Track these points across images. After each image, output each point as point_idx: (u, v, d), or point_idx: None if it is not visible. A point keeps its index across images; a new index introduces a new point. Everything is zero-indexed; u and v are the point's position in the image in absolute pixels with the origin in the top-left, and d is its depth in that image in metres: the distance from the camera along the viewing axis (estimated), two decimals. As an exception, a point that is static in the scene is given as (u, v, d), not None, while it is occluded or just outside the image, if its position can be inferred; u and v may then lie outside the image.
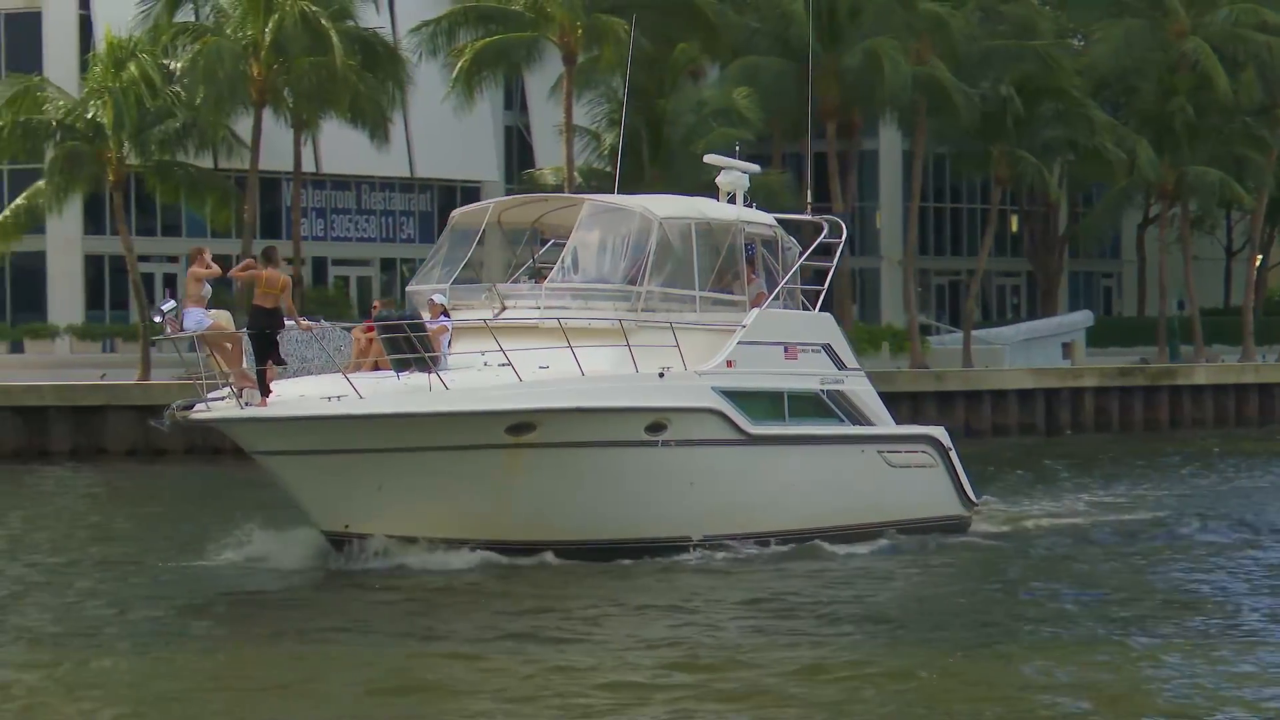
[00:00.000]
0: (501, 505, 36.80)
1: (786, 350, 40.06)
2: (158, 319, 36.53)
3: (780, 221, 42.79)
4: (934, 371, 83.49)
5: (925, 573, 38.68)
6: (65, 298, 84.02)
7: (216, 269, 37.17)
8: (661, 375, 37.34)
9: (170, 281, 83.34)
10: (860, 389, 41.75)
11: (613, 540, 37.53)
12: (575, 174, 78.62)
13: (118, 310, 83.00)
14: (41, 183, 74.14)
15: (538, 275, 40.41)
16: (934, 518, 42.34)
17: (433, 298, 38.33)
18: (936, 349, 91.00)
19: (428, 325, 36.80)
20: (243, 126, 76.23)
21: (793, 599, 34.44)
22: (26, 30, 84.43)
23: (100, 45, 76.12)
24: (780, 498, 39.65)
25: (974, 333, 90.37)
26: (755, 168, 45.99)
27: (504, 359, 35.97)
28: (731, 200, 42.15)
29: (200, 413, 35.73)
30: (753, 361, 38.99)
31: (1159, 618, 32.02)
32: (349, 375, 35.64)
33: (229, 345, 35.98)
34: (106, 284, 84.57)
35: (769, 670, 27.40)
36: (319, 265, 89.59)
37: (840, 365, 41.36)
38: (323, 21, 74.01)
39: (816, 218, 44.17)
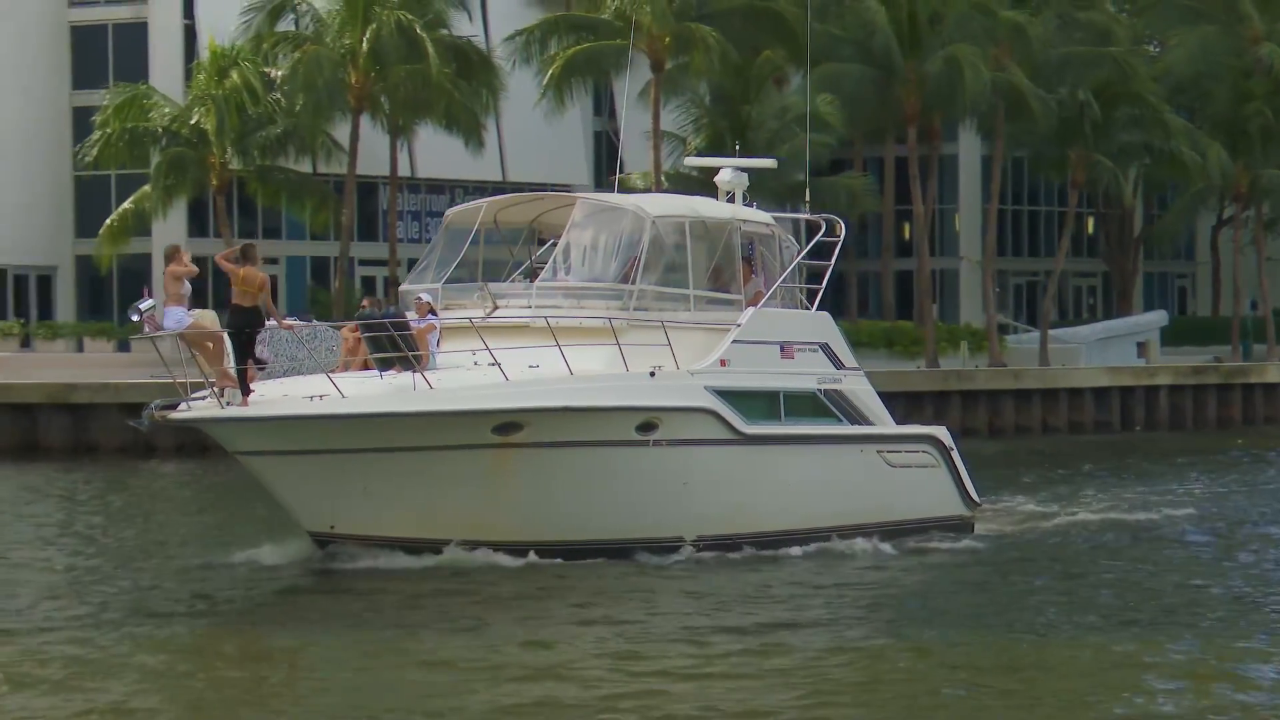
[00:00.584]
0: (491, 506, 35.40)
1: (783, 349, 38.66)
2: (135, 317, 34.75)
3: (781, 220, 42.09)
4: (1011, 370, 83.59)
5: (926, 572, 37.84)
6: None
7: (194, 268, 35.67)
8: (652, 374, 36.05)
9: (221, 284, 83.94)
10: (859, 389, 40.22)
11: (605, 540, 36.10)
12: (662, 178, 79.43)
13: (221, 310, 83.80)
14: (147, 187, 75.21)
15: (533, 275, 39.12)
16: (935, 518, 40.82)
17: (419, 296, 37.35)
18: (1014, 348, 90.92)
19: (413, 324, 35.71)
20: (341, 132, 77.09)
21: (786, 598, 33.92)
22: (133, 40, 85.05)
23: (204, 54, 77.58)
24: (776, 498, 38.15)
25: (1051, 332, 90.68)
26: (770, 162, 46.62)
27: (494, 358, 34.87)
28: (731, 199, 40.98)
29: (180, 413, 34.44)
30: (748, 361, 37.65)
31: (1137, 616, 31.64)
32: (331, 375, 34.33)
33: (210, 344, 34.43)
34: (209, 285, 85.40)
35: (761, 677, 26.75)
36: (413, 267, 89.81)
37: (838, 365, 39.87)
38: (418, 30, 74.90)
39: (816, 216, 42.03)
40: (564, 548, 35.81)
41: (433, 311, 36.50)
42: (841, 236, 41.22)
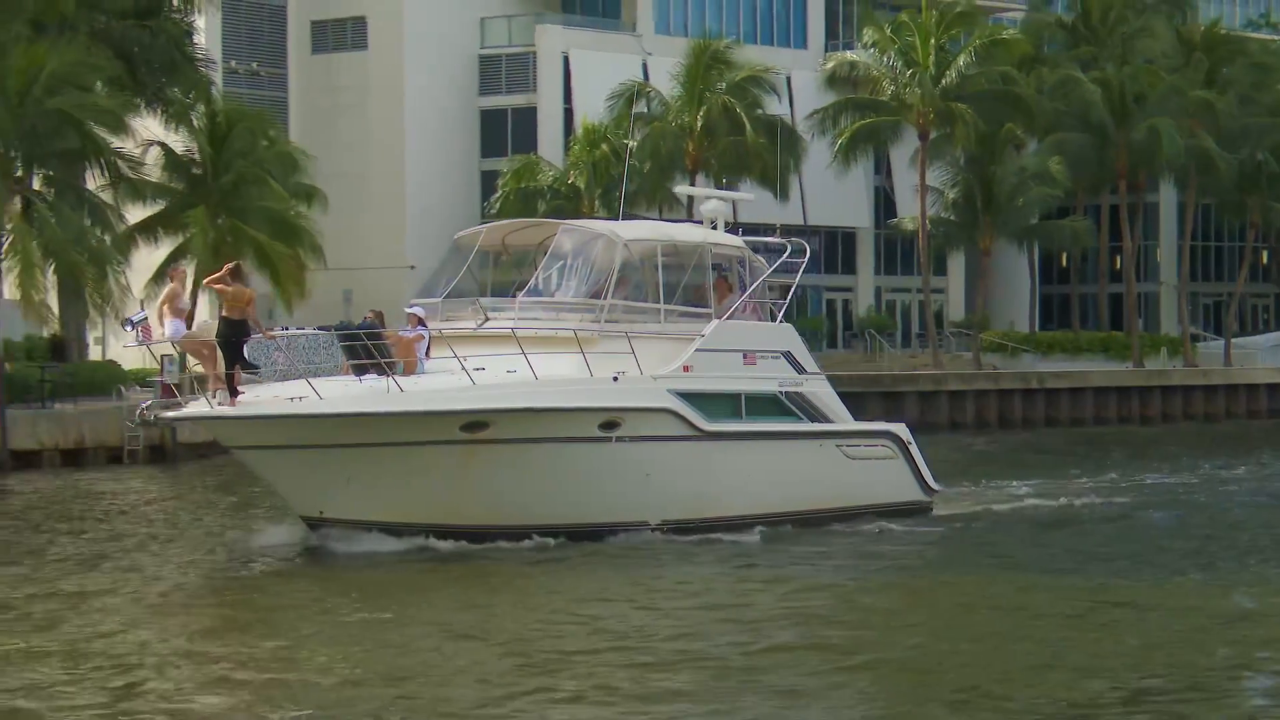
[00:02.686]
0: (463, 494, 31.99)
1: (745, 357, 35.14)
2: (128, 328, 31.64)
3: (753, 244, 37.95)
4: (1201, 369, 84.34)
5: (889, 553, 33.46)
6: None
7: (188, 287, 32.49)
8: (615, 379, 32.66)
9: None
10: (820, 391, 36.64)
11: (572, 525, 32.65)
12: (927, 222, 78.78)
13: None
14: (536, 230, 75.45)
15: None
16: (894, 503, 37.05)
17: (410, 310, 34.01)
18: (1204, 352, 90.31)
19: (404, 334, 32.79)
20: (680, 188, 76.36)
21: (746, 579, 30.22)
22: (526, 121, 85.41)
23: (579, 131, 77.73)
24: (737, 487, 34.55)
25: (1233, 340, 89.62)
26: (749, 195, 41.61)
27: (481, 364, 31.81)
28: (714, 226, 37.49)
29: (172, 412, 31.73)
30: (711, 367, 34.29)
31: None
32: (313, 379, 31.02)
33: (205, 351, 31.38)
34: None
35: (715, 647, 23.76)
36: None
37: (800, 370, 36.28)
38: (739, 110, 75.07)
39: (782, 240, 38.45)
40: (536, 531, 32.41)
41: (422, 323, 33.13)
42: (805, 258, 38.40)
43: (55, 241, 54.66)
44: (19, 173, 60.17)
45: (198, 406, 31.30)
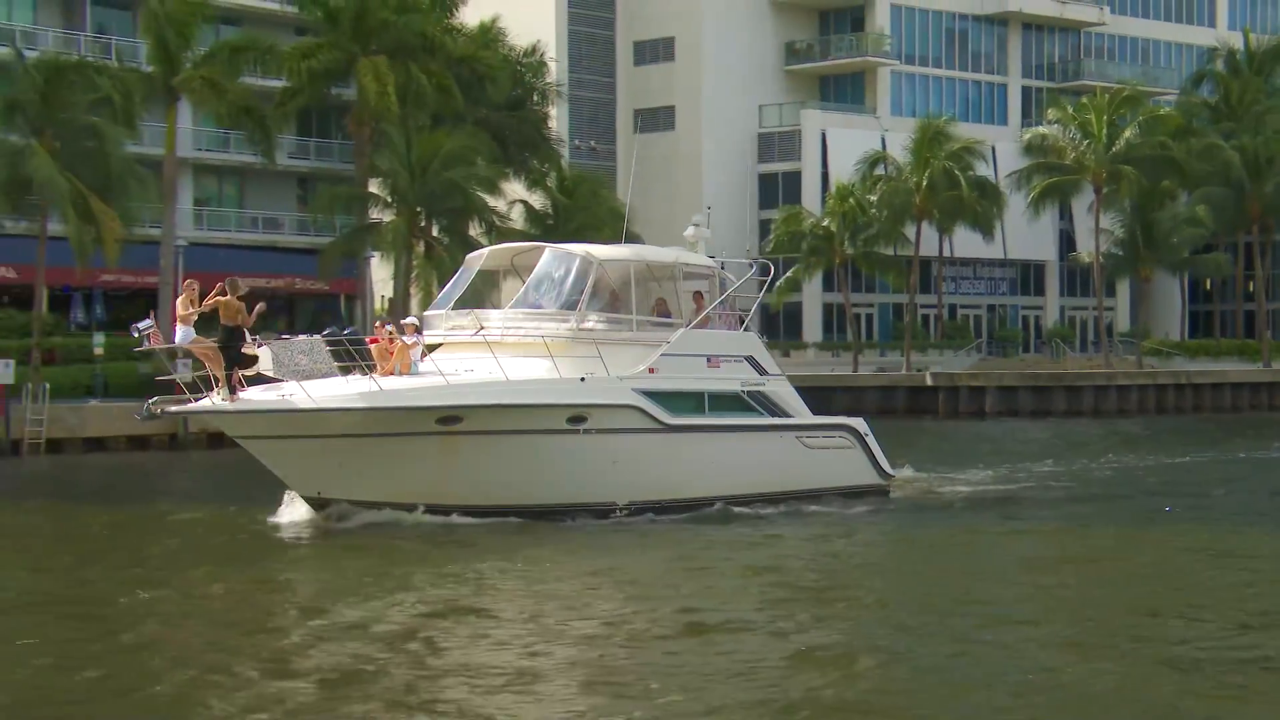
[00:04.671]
0: (445, 478, 28.46)
1: (710, 360, 31.42)
2: (135, 334, 27.78)
3: (727, 265, 34.14)
4: None
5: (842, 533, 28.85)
6: (811, 327, 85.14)
7: (196, 298, 28.07)
8: (583, 379, 29.25)
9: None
10: (781, 390, 32.59)
11: (546, 505, 29.11)
12: (1100, 256, 77.26)
13: (840, 335, 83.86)
14: (799, 265, 75.45)
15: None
16: (851, 486, 32.86)
17: (405, 320, 31.14)
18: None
19: (401, 340, 29.03)
20: (909, 231, 75.97)
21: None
22: (793, 181, 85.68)
23: (833, 188, 77.52)
24: (699, 473, 30.78)
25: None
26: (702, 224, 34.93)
27: (472, 366, 28.93)
28: (695, 248, 33.99)
29: (176, 407, 28.17)
30: (675, 369, 30.63)
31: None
32: (305, 380, 27.64)
33: (210, 354, 27.66)
34: (834, 320, 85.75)
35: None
36: (953, 309, 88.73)
37: (762, 372, 32.28)
38: (956, 172, 74.28)
39: (749, 260, 35.02)
40: (514, 511, 28.74)
41: (418, 331, 29.81)
42: (770, 277, 34.33)
43: (447, 274, 56.05)
44: (423, 224, 61.91)
45: (201, 402, 27.73)
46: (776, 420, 32.16)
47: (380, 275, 68.65)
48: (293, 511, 28.61)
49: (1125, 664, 16.94)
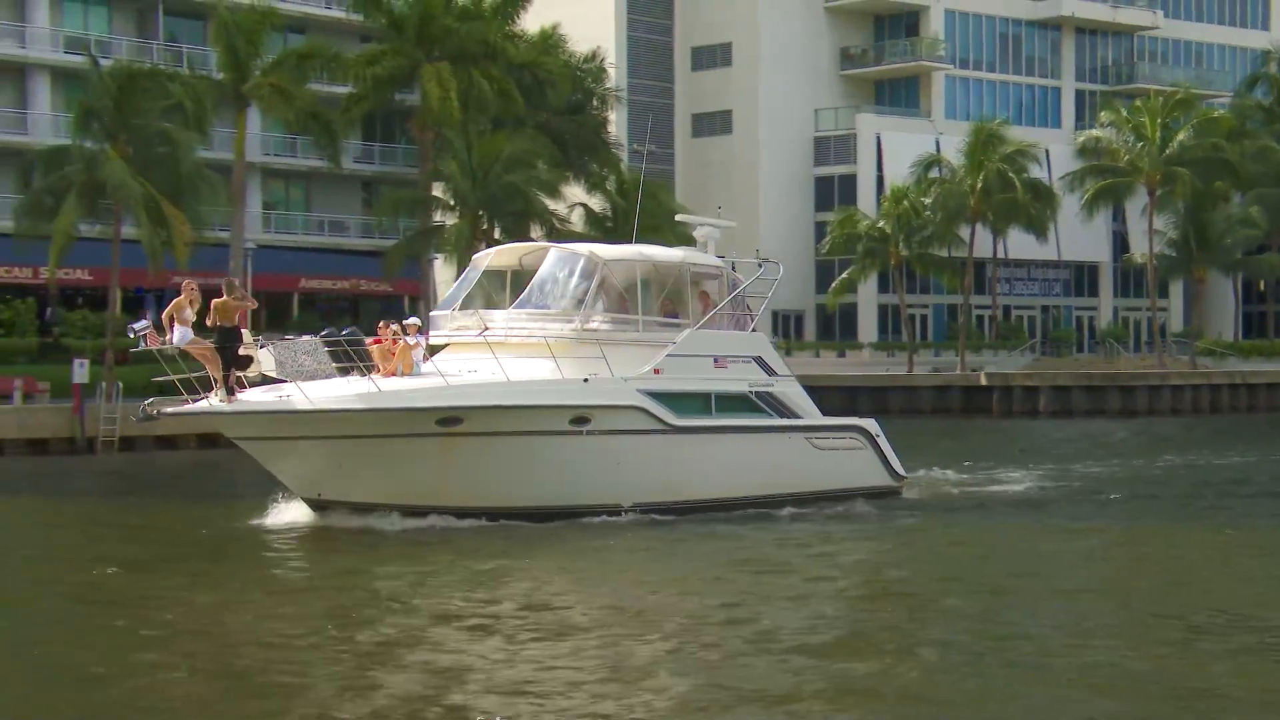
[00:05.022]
0: (446, 480, 27.30)
1: (716, 361, 30.22)
2: (131, 335, 26.68)
3: (737, 265, 33.09)
4: None
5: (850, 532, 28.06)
6: (867, 328, 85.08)
7: (198, 299, 27.00)
8: (586, 380, 28.05)
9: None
10: (790, 391, 31.36)
11: (550, 507, 27.82)
12: (1154, 257, 76.89)
13: (895, 335, 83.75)
14: (854, 266, 75.36)
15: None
16: (863, 487, 31.71)
17: (408, 320, 29.42)
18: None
19: (404, 340, 27.91)
20: (964, 232, 75.86)
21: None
22: (848, 185, 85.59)
23: (887, 191, 77.43)
24: (706, 474, 29.61)
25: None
26: (731, 223, 35.19)
27: (476, 367, 27.88)
28: (705, 248, 32.45)
29: (172, 409, 26.68)
30: (681, 369, 29.45)
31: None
32: (302, 382, 26.65)
33: (208, 355, 26.58)
34: (889, 320, 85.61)
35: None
36: (1007, 310, 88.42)
37: (771, 373, 31.08)
38: (1010, 175, 74.08)
39: (758, 260, 33.30)
40: (516, 513, 27.54)
41: (421, 331, 28.79)
42: (778, 277, 32.75)
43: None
44: (484, 227, 62.44)
45: (199, 404, 26.50)
46: (785, 421, 31.07)
47: (443, 277, 69.27)
48: (286, 514, 27.57)
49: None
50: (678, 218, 34.73)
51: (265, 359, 27.36)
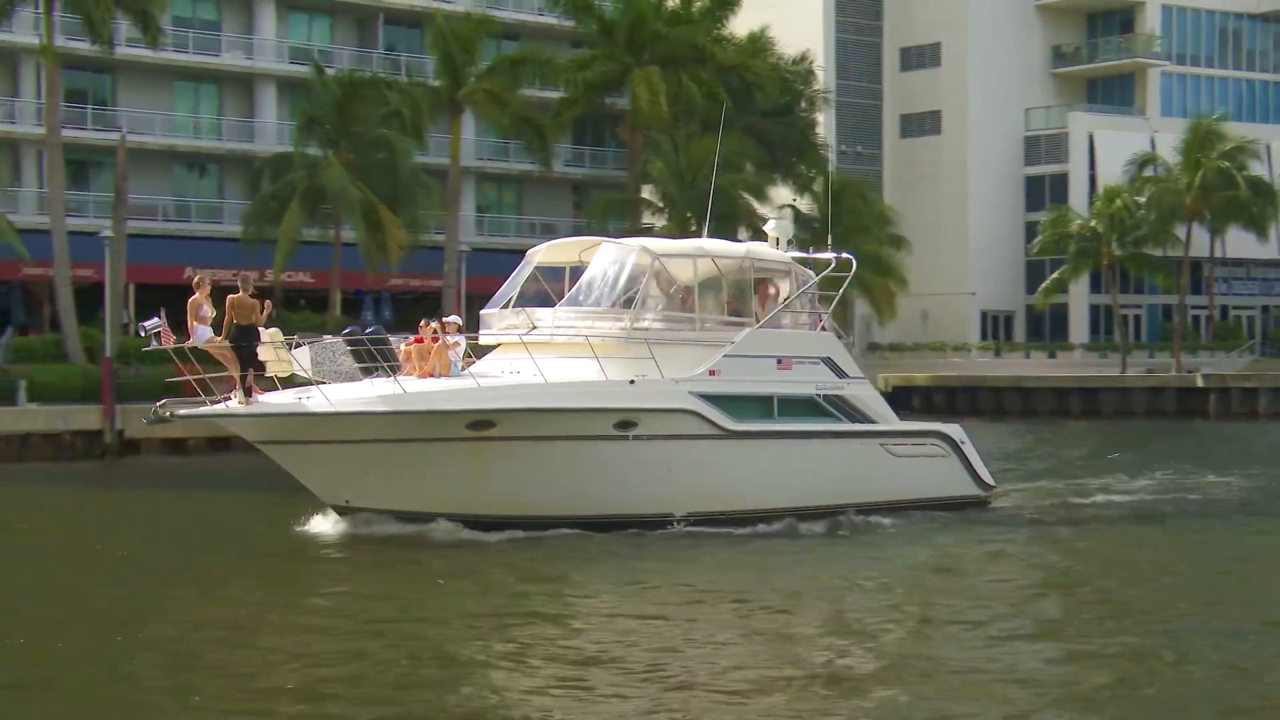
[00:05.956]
0: (480, 487, 25.36)
1: (780, 362, 27.80)
2: (143, 334, 25.02)
3: (805, 260, 29.80)
4: None
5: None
6: (1078, 328, 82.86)
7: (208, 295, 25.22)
8: (632, 382, 25.93)
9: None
10: (863, 394, 28.86)
11: (594, 517, 25.77)
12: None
13: (1108, 336, 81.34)
14: (1066, 266, 73.22)
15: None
16: (947, 497, 29.27)
17: (447, 319, 27.57)
18: None
19: (444, 340, 26.24)
20: (1179, 232, 73.04)
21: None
22: (1059, 184, 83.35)
23: (1100, 190, 75.22)
24: (767, 482, 27.27)
25: None
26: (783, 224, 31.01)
27: (520, 368, 25.90)
28: (777, 244, 29.90)
29: (186, 410, 24.93)
30: (740, 371, 27.10)
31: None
32: (323, 383, 25.29)
33: (228, 355, 25.00)
34: (1101, 320, 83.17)
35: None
36: (1225, 310, 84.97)
37: (841, 374, 28.56)
38: (1234, 172, 71.40)
39: (828, 255, 29.85)
40: (557, 522, 25.62)
41: (460, 330, 26.96)
42: (851, 272, 29.58)
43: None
44: (692, 229, 62.01)
45: (216, 406, 25.00)
46: (856, 426, 28.61)
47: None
48: (327, 521, 25.89)
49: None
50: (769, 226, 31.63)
51: (300, 359, 25.89)
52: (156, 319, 24.58)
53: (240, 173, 61.95)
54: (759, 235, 62.79)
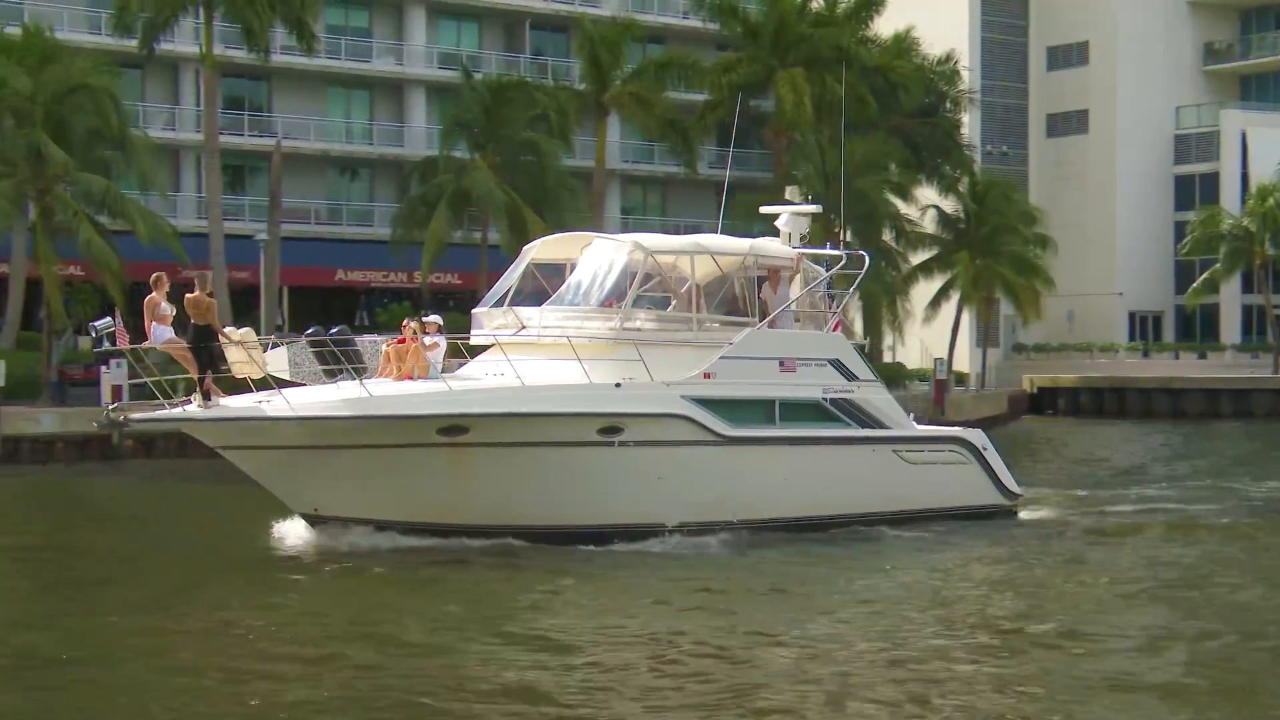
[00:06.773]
0: (457, 495, 23.48)
1: (783, 364, 25.79)
2: (93, 334, 23.05)
3: (815, 256, 27.84)
4: None
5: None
6: (1229, 329, 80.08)
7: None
8: (619, 385, 24.01)
9: None
10: (875, 397, 26.87)
11: (579, 526, 23.92)
12: None
13: (1260, 337, 78.79)
14: (1218, 265, 71.11)
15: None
16: (969, 506, 27.43)
17: (427, 318, 25.48)
18: None
19: (424, 341, 24.34)
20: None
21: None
22: (1210, 183, 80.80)
23: (1253, 189, 73.06)
24: (766, 490, 25.33)
25: None
26: (814, 208, 29.65)
27: (503, 370, 23.87)
28: (788, 239, 27.69)
29: (140, 414, 23.04)
30: (738, 374, 25.14)
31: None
32: (291, 384, 23.60)
33: (189, 356, 22.94)
34: (1254, 321, 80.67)
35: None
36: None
37: (851, 377, 26.53)
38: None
39: (839, 251, 28.15)
40: (534, 531, 23.76)
41: (440, 330, 25.06)
42: (864, 269, 27.46)
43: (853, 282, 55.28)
44: (836, 229, 61.19)
45: (173, 409, 23.00)
46: (866, 432, 26.62)
47: (795, 279, 68.29)
48: (298, 528, 24.16)
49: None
50: (762, 209, 30.12)
51: (278, 359, 24.33)
52: (108, 318, 22.74)
53: (390, 176, 62.46)
54: (901, 236, 62.03)
